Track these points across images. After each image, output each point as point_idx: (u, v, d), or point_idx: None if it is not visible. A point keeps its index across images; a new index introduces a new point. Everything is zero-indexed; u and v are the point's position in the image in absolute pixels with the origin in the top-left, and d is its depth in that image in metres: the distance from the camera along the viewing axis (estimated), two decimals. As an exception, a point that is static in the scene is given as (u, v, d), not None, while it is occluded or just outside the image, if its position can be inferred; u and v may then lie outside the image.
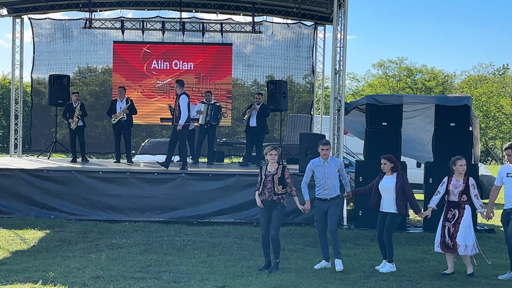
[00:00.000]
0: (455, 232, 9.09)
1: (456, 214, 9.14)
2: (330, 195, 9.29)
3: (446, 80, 50.85)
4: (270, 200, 9.08)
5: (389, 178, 9.34)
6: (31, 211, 13.22)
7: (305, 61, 19.87)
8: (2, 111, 44.65)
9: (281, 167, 9.19)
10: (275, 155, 9.17)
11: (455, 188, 9.16)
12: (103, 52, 19.95)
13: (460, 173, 9.19)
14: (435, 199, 9.33)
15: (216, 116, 15.91)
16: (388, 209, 9.28)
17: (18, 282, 8.08)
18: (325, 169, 9.32)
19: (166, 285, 8.17)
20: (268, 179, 9.11)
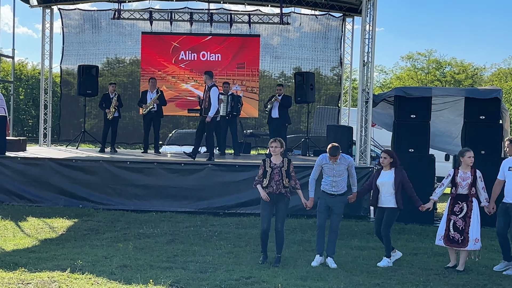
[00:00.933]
0: (466, 226, 8.95)
1: (464, 208, 9.01)
2: (338, 191, 9.15)
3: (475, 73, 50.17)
4: (278, 192, 9.01)
5: (387, 173, 9.23)
6: (59, 200, 13.37)
7: (333, 53, 19.76)
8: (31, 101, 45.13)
9: (287, 160, 9.12)
10: (275, 147, 9.06)
11: (463, 181, 9.04)
12: (131, 43, 20.06)
13: (468, 165, 9.08)
14: (438, 191, 9.26)
15: (237, 106, 15.91)
16: (386, 204, 9.18)
17: (46, 269, 8.19)
18: (334, 167, 9.14)
19: (193, 275, 8.21)
20: (275, 171, 9.03)
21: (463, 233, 8.96)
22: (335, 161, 9.06)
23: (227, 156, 15.79)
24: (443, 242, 9.13)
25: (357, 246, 10.32)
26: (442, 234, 9.13)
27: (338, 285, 7.89)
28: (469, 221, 8.96)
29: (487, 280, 8.42)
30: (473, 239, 8.93)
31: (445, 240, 9.10)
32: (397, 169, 9.24)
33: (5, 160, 13.71)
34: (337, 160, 9.09)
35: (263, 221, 9.09)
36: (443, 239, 9.11)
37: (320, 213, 9.26)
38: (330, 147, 9.05)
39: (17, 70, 43.96)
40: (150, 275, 8.02)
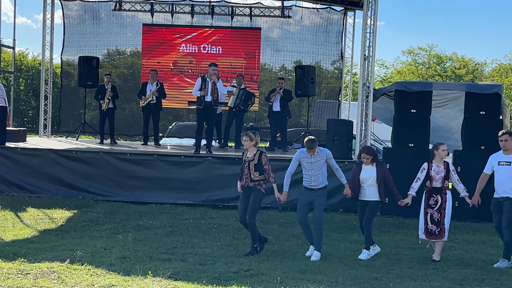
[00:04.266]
0: (441, 218, 9.10)
1: (439, 200, 9.13)
2: (318, 185, 9.14)
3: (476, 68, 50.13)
4: (247, 186, 9.06)
5: (369, 168, 9.23)
6: (59, 191, 13.38)
7: (334, 47, 19.73)
8: (32, 92, 45.06)
9: (258, 153, 9.10)
10: (244, 141, 9.09)
11: (436, 174, 9.13)
12: (131, 34, 20.03)
13: (442, 158, 9.16)
14: (415, 186, 9.27)
15: (247, 101, 15.87)
16: (370, 197, 9.20)
17: (46, 260, 8.20)
18: (312, 161, 9.10)
19: (192, 267, 8.23)
20: (245, 165, 9.07)
21: (439, 224, 9.11)
22: (313, 154, 9.04)
23: (228, 149, 15.79)
24: (425, 236, 9.23)
25: (356, 240, 10.33)
26: (423, 228, 9.22)
27: (337, 278, 7.91)
28: (444, 212, 9.11)
29: (485, 275, 8.44)
30: (447, 230, 9.11)
31: (425, 234, 9.21)
32: (378, 164, 9.25)
33: (5, 151, 13.72)
34: (315, 154, 9.06)
35: (239, 213, 9.24)
36: (424, 232, 9.21)
37: (300, 208, 9.25)
38: (307, 140, 9.04)
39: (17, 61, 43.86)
40: (149, 267, 8.03)
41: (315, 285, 7.48)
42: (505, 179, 9.08)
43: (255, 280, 7.67)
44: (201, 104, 13.78)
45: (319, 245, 9.10)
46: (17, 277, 7.43)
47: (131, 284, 7.29)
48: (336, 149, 13.35)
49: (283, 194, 9.21)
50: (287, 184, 9.25)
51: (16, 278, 7.38)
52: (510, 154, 9.18)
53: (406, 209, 10.40)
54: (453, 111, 14.35)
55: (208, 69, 13.90)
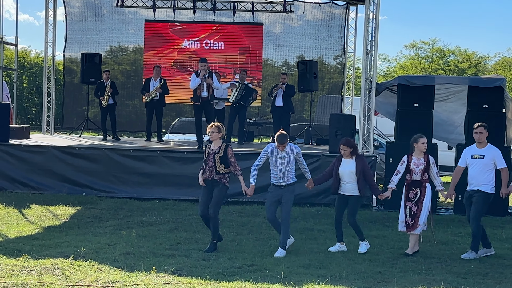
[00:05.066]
0: (418, 211, 9.07)
1: (418, 193, 9.11)
2: (286, 182, 9.03)
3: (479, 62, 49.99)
4: (211, 179, 8.94)
5: (348, 162, 9.17)
6: (63, 188, 13.40)
7: (336, 42, 19.69)
8: (35, 89, 45.11)
9: (224, 146, 8.97)
10: (211, 133, 8.96)
11: (416, 167, 9.10)
12: (133, 31, 20.00)
13: (421, 151, 9.14)
14: (395, 179, 9.24)
15: (247, 97, 15.84)
16: (350, 192, 9.13)
17: (50, 257, 8.23)
18: (282, 157, 8.98)
19: (195, 262, 8.25)
20: (210, 157, 8.93)
21: (415, 217, 9.09)
22: (283, 149, 8.93)
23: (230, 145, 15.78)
24: (405, 229, 9.20)
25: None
26: (403, 220, 9.19)
27: (341, 273, 7.92)
28: (421, 206, 9.08)
29: (489, 269, 8.44)
30: (422, 223, 9.09)
31: (406, 227, 9.19)
32: (358, 157, 9.19)
33: (8, 148, 13.74)
34: (285, 149, 8.95)
35: (199, 207, 9.12)
36: (405, 226, 9.19)
37: (268, 206, 9.14)
38: (278, 135, 8.92)
39: (20, 58, 43.91)
40: (153, 263, 8.05)
41: (318, 280, 7.49)
42: (478, 172, 9.12)
43: (259, 275, 7.68)
44: (198, 100, 13.82)
45: (284, 242, 8.97)
46: (22, 273, 7.45)
47: (135, 280, 7.31)
48: (339, 143, 13.33)
49: (250, 188, 9.08)
50: (254, 178, 9.10)
51: (21, 274, 7.40)
52: (484, 147, 9.24)
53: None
54: (456, 105, 14.33)
55: (198, 65, 13.95)
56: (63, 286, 6.98)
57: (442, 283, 7.49)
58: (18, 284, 6.96)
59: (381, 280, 7.69)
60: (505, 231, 11.07)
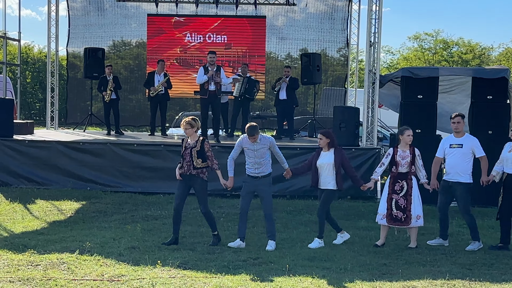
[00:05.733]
0: (408, 204, 9.00)
1: (405, 186, 9.04)
2: (262, 173, 8.94)
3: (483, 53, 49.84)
4: (188, 174, 8.87)
5: (326, 154, 9.09)
6: (67, 183, 13.42)
7: (339, 34, 19.65)
8: (38, 84, 45.14)
9: (201, 140, 8.89)
10: (186, 129, 8.86)
11: (402, 159, 9.04)
12: (136, 25, 19.99)
13: (406, 144, 9.09)
14: (379, 171, 9.23)
15: (252, 89, 15.80)
16: (326, 186, 9.04)
17: (55, 251, 8.25)
18: (255, 148, 8.88)
19: (200, 256, 8.26)
20: (187, 152, 8.86)
21: (406, 211, 9.01)
22: (254, 141, 8.83)
23: (234, 138, 15.79)
24: (385, 221, 9.11)
25: (364, 227, 10.35)
26: (384, 213, 9.11)
27: (345, 265, 7.93)
28: (410, 199, 9.02)
29: (494, 260, 8.44)
30: (415, 216, 9.02)
31: (388, 219, 9.09)
32: (336, 150, 9.09)
33: (13, 143, 13.77)
34: (257, 141, 8.84)
35: (175, 200, 9.03)
36: (386, 218, 9.10)
37: (243, 197, 9.06)
38: (248, 127, 8.80)
39: (23, 54, 43.95)
40: (158, 257, 8.07)
41: (323, 272, 7.50)
42: (457, 161, 9.17)
43: (264, 268, 7.70)
44: (205, 93, 13.79)
45: (273, 235, 8.93)
46: (27, 268, 7.47)
47: (140, 274, 7.33)
48: (343, 136, 13.35)
49: (229, 180, 9.00)
50: (231, 170, 9.02)
51: (26, 269, 7.42)
52: (462, 136, 9.30)
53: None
54: (460, 96, 14.30)
55: (207, 57, 13.93)
56: (69, 281, 7.00)
57: (447, 274, 7.49)
58: (24, 279, 6.98)
59: (386, 272, 7.70)
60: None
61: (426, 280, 7.26)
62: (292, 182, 12.44)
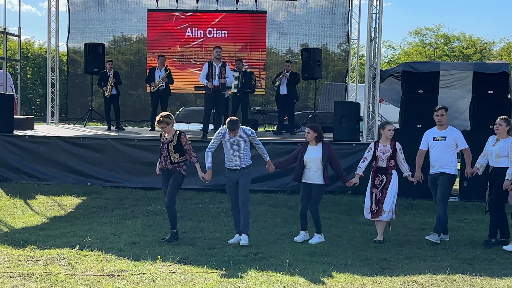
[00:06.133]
0: (382, 197, 9.00)
1: (384, 180, 9.03)
2: (241, 165, 8.89)
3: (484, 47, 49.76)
4: (166, 168, 8.84)
5: (314, 149, 9.01)
6: (68, 178, 13.42)
7: (340, 29, 19.61)
8: (39, 79, 45.15)
9: (177, 134, 8.83)
10: (162, 128, 8.81)
11: (382, 154, 9.04)
12: (136, 20, 19.95)
13: (387, 138, 9.07)
14: (362, 165, 9.16)
15: (250, 82, 15.76)
16: (315, 181, 8.95)
17: (56, 247, 8.25)
18: (235, 141, 8.80)
19: (201, 251, 8.26)
20: (164, 147, 8.83)
21: (379, 203, 9.02)
22: (235, 135, 8.77)
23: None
24: (370, 216, 9.11)
25: (365, 222, 10.32)
26: (369, 207, 9.11)
27: (346, 260, 7.92)
28: (385, 192, 9.01)
29: (495, 254, 8.44)
30: (387, 211, 8.98)
31: (371, 214, 9.10)
32: (324, 144, 9.03)
33: (13, 139, 13.76)
34: (238, 134, 8.78)
35: (165, 196, 8.99)
36: (370, 213, 9.10)
37: (229, 192, 9.01)
38: (229, 121, 8.72)
39: (24, 49, 43.91)
40: (159, 252, 8.07)
41: (324, 267, 7.50)
42: (441, 154, 9.19)
43: (264, 263, 7.69)
44: (209, 89, 13.77)
45: (246, 228, 8.82)
46: (28, 263, 7.48)
47: (141, 269, 7.33)
48: (343, 131, 13.34)
49: (207, 173, 8.93)
50: (209, 162, 8.94)
51: (27, 264, 7.43)
52: (445, 129, 9.33)
53: (416, 190, 10.41)
54: (460, 91, 14.27)
55: (212, 52, 13.89)
56: (69, 276, 7.00)
57: (447, 269, 7.49)
58: (25, 274, 6.98)
59: (387, 267, 7.70)
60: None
61: (426, 275, 7.26)
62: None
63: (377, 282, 7.00)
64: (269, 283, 6.84)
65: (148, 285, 6.74)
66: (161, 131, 8.93)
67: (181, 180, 8.95)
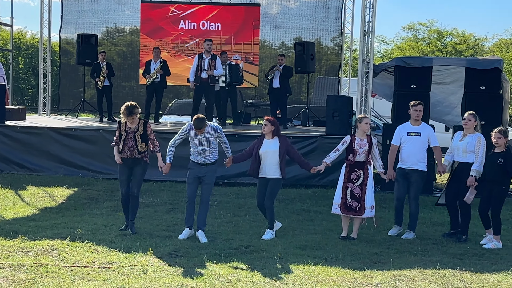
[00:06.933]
0: (362, 194, 8.92)
1: (361, 175, 8.94)
2: (209, 161, 8.80)
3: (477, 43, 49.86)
4: (133, 158, 8.79)
5: (270, 142, 8.90)
6: (59, 169, 13.38)
7: (334, 23, 19.60)
8: (31, 70, 44.96)
9: (143, 123, 8.79)
10: (133, 119, 8.65)
11: (360, 148, 8.94)
12: (129, 12, 19.87)
13: (364, 132, 9.03)
14: (332, 156, 9.03)
15: (237, 75, 15.73)
16: (272, 175, 8.86)
17: (46, 238, 8.23)
18: (202, 138, 8.68)
19: (192, 244, 8.26)
20: (129, 136, 8.75)
21: (360, 201, 8.92)
22: (202, 133, 8.63)
23: (227, 126, 15.76)
24: (340, 211, 9.00)
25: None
26: (339, 202, 9.00)
27: (337, 254, 7.94)
28: (365, 188, 8.95)
29: (484, 250, 8.48)
30: (369, 207, 8.96)
31: (342, 209, 8.97)
32: (281, 138, 8.94)
33: (4, 129, 13.71)
34: (205, 131, 8.64)
35: (121, 186, 8.94)
36: (340, 207, 8.98)
37: (190, 184, 8.87)
38: (195, 119, 8.58)
39: (16, 39, 43.67)
40: (150, 244, 8.06)
41: (315, 261, 7.51)
42: (415, 150, 9.19)
43: (255, 256, 7.70)
44: (198, 81, 13.79)
45: (204, 223, 8.75)
46: (18, 254, 7.45)
47: (131, 261, 7.32)
48: (336, 125, 13.34)
49: (166, 165, 8.88)
50: (170, 156, 8.86)
51: (17, 255, 7.40)
52: (419, 125, 9.33)
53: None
54: (453, 86, 14.30)
55: (203, 45, 13.90)
56: (60, 267, 6.99)
57: (438, 264, 7.52)
58: (15, 265, 6.96)
59: (378, 261, 7.72)
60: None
61: (417, 269, 7.28)
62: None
63: (368, 276, 7.02)
64: (260, 276, 6.85)
65: (138, 277, 6.73)
66: (130, 120, 8.73)
67: (146, 169, 8.99)
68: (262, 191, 8.96)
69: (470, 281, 6.93)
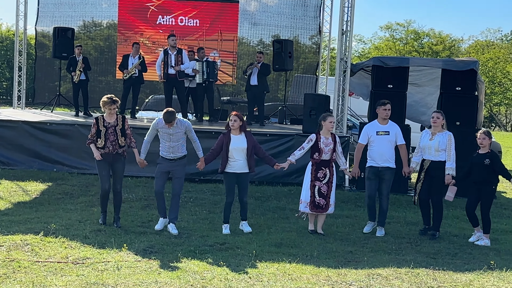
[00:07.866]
0: (329, 191, 9.05)
1: (327, 173, 9.06)
2: (177, 156, 8.90)
3: (453, 44, 50.42)
4: (115, 153, 8.85)
5: (238, 138, 8.97)
6: (33, 164, 13.24)
7: (312, 21, 19.62)
8: (6, 63, 44.48)
9: (121, 118, 8.90)
10: (114, 109, 8.83)
11: (326, 146, 9.03)
12: (107, 5, 19.69)
13: (328, 130, 9.10)
14: (297, 154, 9.15)
15: (213, 72, 15.72)
16: (242, 170, 8.95)
17: (19, 232, 8.15)
18: (171, 132, 8.79)
19: (167, 240, 8.23)
20: (109, 131, 8.80)
21: (326, 198, 9.06)
22: (171, 126, 8.74)
23: (203, 123, 15.72)
24: (309, 209, 9.09)
25: (331, 214, 10.38)
26: (308, 201, 9.08)
27: (312, 252, 7.96)
28: (331, 186, 9.10)
29: (457, 249, 8.56)
30: (333, 203, 9.13)
31: (311, 207, 9.07)
32: (247, 133, 9.03)
33: (-22, 122, 13.52)
34: (174, 125, 8.75)
35: (104, 182, 8.95)
36: (309, 205, 9.07)
37: (157, 178, 8.98)
38: (165, 112, 8.69)
39: (-9, 31, 43.21)
40: (124, 240, 8.02)
41: (290, 259, 7.53)
42: (385, 148, 9.32)
43: (230, 254, 7.70)
44: (166, 77, 13.83)
45: (176, 217, 8.87)
46: (-10, 249, 7.37)
47: (106, 257, 7.27)
48: (313, 123, 13.32)
49: (141, 161, 9.02)
50: (144, 153, 8.99)
51: (-11, 250, 7.31)
52: (387, 124, 9.47)
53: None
54: (429, 87, 14.40)
55: (168, 40, 13.92)
56: (33, 262, 6.92)
57: (412, 263, 7.57)
58: (-13, 260, 6.88)
59: (352, 260, 7.75)
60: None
61: (391, 268, 7.33)
62: (261, 168, 12.42)
63: (342, 274, 7.05)
64: (234, 273, 6.84)
65: (113, 273, 6.69)
66: (110, 112, 8.83)
67: (125, 164, 9.05)
68: (233, 187, 9.03)
69: (443, 280, 6.99)
